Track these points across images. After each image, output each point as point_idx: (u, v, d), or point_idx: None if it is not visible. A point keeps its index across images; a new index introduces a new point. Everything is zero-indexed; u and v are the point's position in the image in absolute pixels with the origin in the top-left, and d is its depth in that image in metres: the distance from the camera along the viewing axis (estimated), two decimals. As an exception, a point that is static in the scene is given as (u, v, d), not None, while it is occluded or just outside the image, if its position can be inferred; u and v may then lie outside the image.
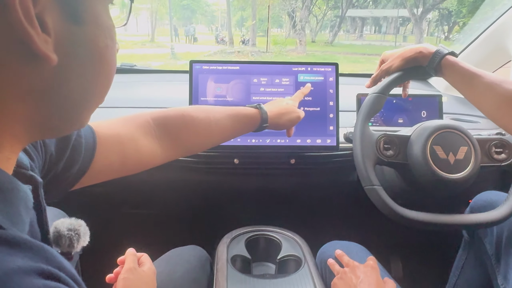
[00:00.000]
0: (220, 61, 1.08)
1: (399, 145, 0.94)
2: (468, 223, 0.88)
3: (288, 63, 1.09)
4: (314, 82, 1.09)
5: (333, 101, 1.09)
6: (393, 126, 1.19)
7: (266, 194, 1.24)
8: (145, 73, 1.68)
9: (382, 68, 0.98)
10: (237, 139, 1.06)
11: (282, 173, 1.16)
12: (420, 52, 0.92)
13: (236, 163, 1.10)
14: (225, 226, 1.07)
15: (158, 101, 1.39)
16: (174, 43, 12.63)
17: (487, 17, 1.38)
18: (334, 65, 1.09)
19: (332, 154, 1.11)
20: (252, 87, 1.08)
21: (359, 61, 10.88)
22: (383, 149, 0.93)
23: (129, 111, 1.30)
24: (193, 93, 1.05)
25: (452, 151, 0.89)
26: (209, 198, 1.29)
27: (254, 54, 12.31)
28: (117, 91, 1.48)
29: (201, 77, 1.06)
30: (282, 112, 0.89)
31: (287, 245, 0.99)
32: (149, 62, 9.53)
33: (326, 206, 1.35)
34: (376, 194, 0.87)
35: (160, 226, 1.38)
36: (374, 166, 0.91)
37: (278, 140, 1.07)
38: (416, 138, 0.92)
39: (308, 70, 1.09)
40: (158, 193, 1.24)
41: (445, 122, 0.93)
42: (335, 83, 1.09)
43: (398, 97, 1.18)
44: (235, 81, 1.07)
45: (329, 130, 1.08)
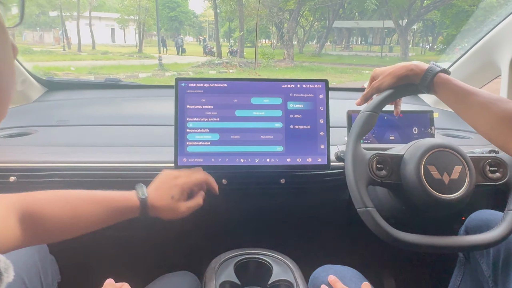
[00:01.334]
0: (206, 78, 1.05)
1: (392, 164, 0.91)
2: (464, 245, 0.85)
3: (277, 80, 1.07)
4: (305, 97, 1.07)
5: (323, 119, 1.06)
6: (384, 143, 1.17)
7: (255, 215, 1.21)
8: (131, 88, 1.65)
9: (373, 86, 0.96)
10: (225, 158, 1.03)
11: (272, 193, 1.13)
12: (412, 70, 0.90)
13: (224, 183, 1.06)
14: (213, 249, 1.03)
15: (145, 117, 1.36)
16: (162, 54, 12.62)
17: (475, 32, 1.37)
18: (324, 82, 1.07)
19: (323, 173, 1.09)
20: (239, 106, 1.05)
21: (346, 72, 10.97)
22: (376, 169, 0.90)
23: (115, 129, 1.27)
24: (178, 112, 1.02)
25: (446, 171, 0.87)
26: (196, 220, 1.24)
27: (242, 65, 12.34)
28: (103, 108, 1.45)
29: (188, 95, 1.03)
30: (163, 208, 0.85)
31: (278, 269, 0.96)
32: (136, 73, 9.48)
33: (318, 227, 1.32)
34: (369, 216, 0.84)
35: (144, 250, 1.33)
36: (367, 187, 0.88)
37: (268, 159, 1.04)
38: (410, 158, 0.90)
39: (297, 87, 1.06)
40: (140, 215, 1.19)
41: (439, 141, 0.91)
42: (325, 100, 1.06)
43: (389, 113, 1.16)
44: (222, 98, 1.04)
45: (320, 148, 1.06)
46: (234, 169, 1.04)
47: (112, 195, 0.79)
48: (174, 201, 0.86)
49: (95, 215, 0.75)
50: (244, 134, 1.04)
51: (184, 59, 14.09)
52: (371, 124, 0.92)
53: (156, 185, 0.88)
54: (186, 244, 1.34)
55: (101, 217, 0.76)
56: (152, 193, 0.85)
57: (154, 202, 0.83)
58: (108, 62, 11.51)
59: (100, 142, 1.19)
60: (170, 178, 0.89)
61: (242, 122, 1.04)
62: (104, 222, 0.77)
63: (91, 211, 0.74)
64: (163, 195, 0.86)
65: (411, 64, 0.91)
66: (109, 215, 0.77)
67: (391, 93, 0.94)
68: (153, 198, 0.84)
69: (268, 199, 1.15)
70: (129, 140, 1.22)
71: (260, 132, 1.04)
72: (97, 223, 0.76)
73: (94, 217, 0.75)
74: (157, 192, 0.86)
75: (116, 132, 1.26)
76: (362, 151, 0.90)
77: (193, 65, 12.17)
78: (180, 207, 0.88)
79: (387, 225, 0.84)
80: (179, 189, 0.88)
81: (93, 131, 1.26)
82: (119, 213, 0.79)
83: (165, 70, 10.38)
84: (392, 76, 0.93)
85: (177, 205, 0.87)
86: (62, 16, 18.63)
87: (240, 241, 1.07)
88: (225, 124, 1.04)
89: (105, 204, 0.77)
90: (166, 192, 0.87)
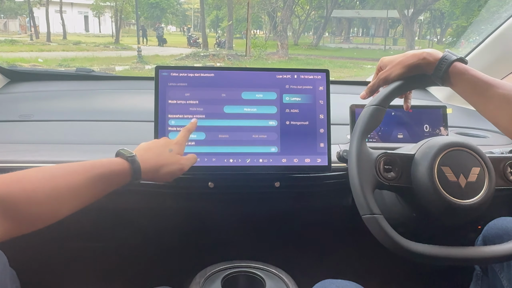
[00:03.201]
0: (191, 67, 1.03)
1: (401, 165, 0.90)
2: (482, 257, 0.84)
3: (271, 70, 1.05)
4: (302, 89, 1.06)
5: (323, 114, 1.05)
6: (392, 142, 1.17)
7: (246, 222, 1.19)
8: (105, 79, 1.63)
9: (380, 76, 0.95)
10: (211, 158, 1.01)
11: (265, 198, 1.12)
12: (424, 59, 0.88)
13: (211, 187, 1.05)
14: (198, 262, 1.03)
15: (121, 112, 1.34)
16: (141, 45, 12.57)
17: (489, 20, 1.37)
18: (325, 72, 1.06)
19: (324, 176, 1.08)
20: (229, 101, 1.04)
21: (346, 66, 11.02)
22: (384, 170, 0.89)
23: (87, 125, 1.25)
24: (159, 107, 1.01)
25: (462, 173, 0.86)
26: (178, 229, 1.23)
27: (231, 58, 12.35)
28: (73, 101, 1.44)
29: (169, 89, 1.02)
30: (161, 163, 0.84)
31: (272, 285, 0.95)
32: (112, 66, 9.43)
33: (317, 236, 1.31)
34: (376, 224, 0.83)
35: (118, 263, 1.31)
36: (373, 191, 0.87)
37: (261, 159, 1.03)
38: (421, 158, 0.88)
39: (294, 78, 1.05)
40: (114, 223, 1.18)
41: (454, 139, 0.89)
42: (326, 93, 1.06)
43: (398, 108, 1.16)
44: (209, 92, 1.03)
45: (320, 147, 1.04)
46: (222, 171, 1.02)
47: (93, 162, 0.75)
48: (173, 154, 0.87)
49: (79, 187, 0.70)
50: (233, 133, 1.03)
51: (166, 51, 14.06)
52: (378, 120, 0.90)
53: (145, 146, 0.87)
54: (168, 256, 1.32)
55: (87, 189, 0.72)
56: (141, 152, 0.84)
57: (148, 159, 0.82)
58: (80, 54, 11.43)
59: (69, 139, 1.17)
60: (160, 140, 0.90)
61: (231, 119, 1.03)
62: (91, 194, 0.73)
63: (73, 184, 0.69)
64: (157, 151, 0.86)
65: (423, 52, 0.89)
66: (96, 185, 0.73)
67: (400, 85, 0.92)
68: (145, 155, 0.82)
69: (260, 204, 1.14)
70: (102, 137, 1.20)
71: (251, 131, 1.03)
72: (83, 197, 0.72)
73: (78, 190, 0.70)
74: (148, 151, 0.85)
75: (88, 128, 1.25)
76: (367, 150, 0.89)
77: (176, 58, 12.15)
78: (181, 160, 0.88)
79: (395, 234, 0.83)
80: (176, 143, 0.89)
81: (61, 127, 1.24)
82: (106, 180, 0.75)
83: (145, 63, 10.34)
84: (402, 65, 0.91)
85: (176, 157, 0.87)
86: (30, 1, 18.49)
87: (229, 253, 1.06)
88: (212, 122, 1.02)
89: (88, 172, 0.72)
90: (161, 149, 0.87)
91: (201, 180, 1.05)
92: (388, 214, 0.94)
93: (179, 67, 1.03)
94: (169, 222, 1.19)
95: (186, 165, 0.89)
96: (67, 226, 1.17)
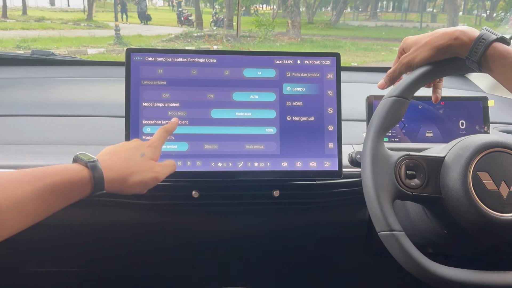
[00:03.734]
0: (171, 50, 1.04)
1: (428, 171, 0.90)
2: None
3: (268, 54, 1.06)
4: (307, 77, 1.06)
5: (333, 108, 1.06)
6: (419, 142, 1.17)
7: (238, 241, 1.20)
8: (68, 65, 1.64)
9: (403, 61, 0.95)
10: (196, 162, 1.02)
11: (261, 211, 1.13)
12: (457, 38, 0.88)
13: (195, 197, 1.06)
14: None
15: (88, 105, 1.34)
16: (120, 23, 12.56)
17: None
18: (334, 56, 1.07)
19: (333, 183, 1.09)
20: (217, 104, 1.05)
21: (372, 49, 10.97)
22: (406, 177, 0.89)
23: (44, 121, 1.26)
24: (131, 111, 1.02)
25: (505, 180, 0.86)
26: (156, 248, 1.24)
27: (231, 39, 12.34)
28: (26, 91, 1.44)
29: (144, 89, 1.03)
30: (130, 171, 0.83)
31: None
32: (84, 48, 9.45)
33: (324, 259, 1.31)
34: (396, 243, 0.83)
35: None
36: (392, 202, 0.87)
37: (256, 163, 1.04)
38: (453, 161, 0.89)
39: (297, 63, 1.06)
40: (79, 243, 1.19)
41: (495, 138, 0.90)
42: (336, 82, 1.06)
43: (426, 100, 1.16)
44: (192, 95, 1.04)
45: (328, 149, 1.05)
46: (209, 177, 1.03)
47: (44, 169, 0.74)
48: (146, 159, 0.86)
49: (23, 202, 0.69)
50: (223, 143, 1.04)
51: (151, 30, 14.06)
52: (399, 114, 0.90)
53: (110, 150, 0.87)
54: (142, 282, 1.33)
55: (35, 203, 0.71)
56: (105, 157, 0.83)
57: (113, 166, 0.82)
58: (44, 33, 11.42)
59: (19, 138, 1.18)
60: (130, 143, 0.90)
61: (220, 126, 1.04)
62: (40, 210, 0.72)
63: (16, 197, 0.68)
64: (126, 156, 0.85)
65: (455, 31, 0.89)
66: (46, 198, 0.72)
67: (428, 71, 0.92)
68: (110, 161, 0.82)
69: (255, 219, 1.15)
70: (64, 136, 1.20)
71: (245, 140, 1.05)
72: (30, 213, 0.71)
73: (22, 205, 0.69)
74: (115, 156, 0.85)
75: (45, 124, 1.25)
76: (386, 152, 0.89)
77: (163, 39, 12.12)
78: (155, 166, 0.87)
79: (420, 256, 0.83)
80: (150, 146, 0.89)
81: (10, 124, 1.25)
82: (60, 192, 0.74)
83: (124, 45, 10.35)
84: (429, 47, 0.91)
85: (149, 164, 0.87)
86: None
87: (215, 278, 1.06)
88: (197, 129, 1.04)
89: (36, 182, 0.72)
90: (130, 153, 0.86)
91: (183, 188, 1.05)
92: (412, 231, 0.94)
93: (156, 50, 1.04)
94: (144, 241, 1.19)
95: (162, 174, 0.88)
96: (28, 248, 1.19)
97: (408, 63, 0.94)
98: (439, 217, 0.94)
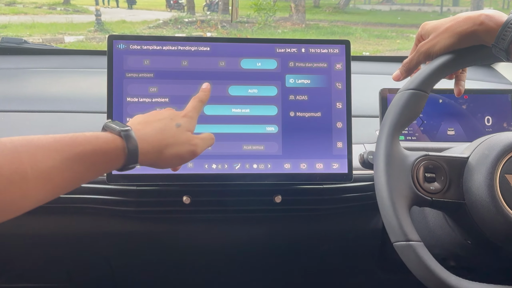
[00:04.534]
0: (160, 37, 1.04)
1: (449, 173, 0.90)
2: None
3: (269, 41, 1.06)
4: (313, 68, 1.06)
5: (342, 102, 1.06)
6: (439, 140, 1.17)
7: (233, 254, 1.21)
8: (43, 54, 1.64)
9: (421, 49, 0.95)
10: (187, 164, 1.01)
11: (261, 219, 1.13)
12: (482, 24, 0.88)
13: (186, 203, 1.05)
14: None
15: (66, 100, 1.34)
16: (101, 7, 12.56)
17: None
18: (344, 43, 1.07)
19: (342, 188, 1.09)
20: (211, 99, 1.03)
21: (386, 36, 10.97)
22: (424, 180, 0.89)
23: (11, 117, 1.25)
24: (114, 107, 1.02)
25: None
26: (140, 261, 1.24)
27: (226, 26, 12.34)
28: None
29: (128, 82, 1.03)
30: (166, 142, 0.83)
31: None
32: (60, 35, 9.46)
33: (330, 273, 1.31)
34: (413, 254, 0.83)
35: None
36: (409, 209, 0.87)
37: (255, 165, 1.04)
38: (478, 163, 0.89)
39: (302, 52, 1.06)
40: (54, 255, 1.19)
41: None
42: (345, 73, 1.06)
43: (447, 94, 1.16)
44: (183, 89, 1.04)
45: (337, 148, 1.05)
46: (202, 181, 1.03)
47: (74, 136, 0.74)
48: (182, 130, 0.86)
49: (51, 170, 0.69)
50: (217, 143, 1.02)
51: (137, 16, 14.05)
52: (417, 109, 0.90)
53: (142, 119, 0.87)
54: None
55: (63, 173, 0.71)
56: (138, 126, 0.83)
57: (148, 136, 0.81)
58: (16, 18, 11.42)
59: None
60: (163, 112, 0.90)
61: (214, 124, 1.04)
62: (68, 180, 0.73)
63: (44, 165, 0.68)
64: (160, 126, 0.84)
65: (480, 15, 0.89)
66: (75, 168, 0.72)
67: (449, 60, 0.92)
68: (143, 131, 0.82)
69: (253, 228, 1.15)
70: (38, 134, 1.19)
71: (242, 140, 1.05)
72: (57, 183, 0.71)
73: (49, 174, 0.69)
74: (148, 126, 0.84)
75: (18, 122, 1.25)
76: (401, 152, 0.89)
77: (150, 25, 12.13)
78: (193, 139, 0.87)
79: (441, 269, 0.82)
80: (185, 116, 0.89)
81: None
82: (91, 162, 0.74)
83: (106, 32, 10.36)
84: (451, 33, 0.91)
85: (186, 135, 0.86)
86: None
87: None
88: None
89: (66, 150, 0.71)
90: (165, 123, 0.86)
91: (172, 193, 1.05)
92: (431, 241, 0.94)
93: (141, 37, 1.04)
94: (127, 252, 1.20)
95: (200, 147, 0.88)
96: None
97: (427, 51, 0.94)
98: (462, 226, 0.94)
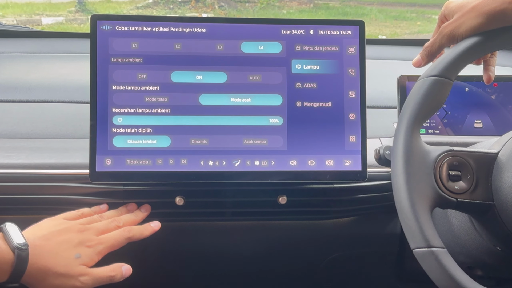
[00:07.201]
0: (149, 17, 1.04)
1: (477, 171, 0.90)
2: None
3: (273, 22, 1.06)
4: (323, 52, 1.06)
5: (355, 91, 1.06)
6: (465, 134, 1.18)
7: (232, 261, 1.21)
8: (18, 37, 1.66)
9: (444, 31, 0.95)
10: (180, 159, 1.02)
11: (263, 223, 1.13)
12: (511, 2, 0.88)
13: (180, 204, 1.05)
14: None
15: (44, 88, 1.35)
16: (84, -15, 12.61)
17: None
18: (357, 24, 1.07)
19: (355, 187, 1.09)
20: (207, 87, 1.05)
21: (405, 17, 10.96)
22: (448, 178, 0.89)
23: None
24: (97, 96, 1.02)
25: None
26: (133, 268, 1.23)
27: (224, 5, 12.37)
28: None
29: (114, 67, 1.03)
30: (55, 271, 0.83)
31: None
32: (37, 16, 9.49)
33: (342, 284, 1.31)
34: (435, 263, 0.83)
35: None
36: (431, 211, 0.87)
37: (257, 162, 1.04)
38: (509, 159, 0.89)
39: (310, 34, 1.06)
40: None
41: None
42: (359, 58, 1.06)
43: (474, 81, 1.16)
44: (176, 75, 1.04)
45: (349, 143, 1.05)
46: (197, 179, 1.03)
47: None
48: (78, 262, 0.85)
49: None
50: (214, 137, 1.04)
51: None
52: (440, 100, 0.90)
53: (45, 231, 0.87)
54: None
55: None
56: (36, 242, 0.83)
57: (39, 255, 0.81)
58: (-14, -2, 11.56)
59: None
60: (72, 226, 0.89)
61: (211, 115, 1.04)
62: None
63: None
64: (57, 249, 0.84)
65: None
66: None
67: (476, 43, 0.91)
68: (39, 249, 0.82)
69: (255, 232, 1.15)
70: (13, 127, 1.20)
71: (243, 133, 1.04)
72: None
73: None
74: (47, 243, 0.84)
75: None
76: (423, 147, 0.89)
77: (138, 4, 12.12)
78: (84, 274, 0.86)
79: (467, 279, 0.82)
80: (91, 247, 0.88)
81: None
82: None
83: (89, 12, 10.38)
84: (478, 12, 0.90)
85: (78, 269, 0.85)
86: None
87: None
88: (182, 119, 1.04)
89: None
90: (66, 247, 0.85)
91: (163, 193, 1.05)
92: (456, 247, 0.95)
93: (129, 17, 1.04)
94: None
95: (87, 286, 0.86)
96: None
97: (451, 33, 0.93)
98: (490, 230, 0.94)
